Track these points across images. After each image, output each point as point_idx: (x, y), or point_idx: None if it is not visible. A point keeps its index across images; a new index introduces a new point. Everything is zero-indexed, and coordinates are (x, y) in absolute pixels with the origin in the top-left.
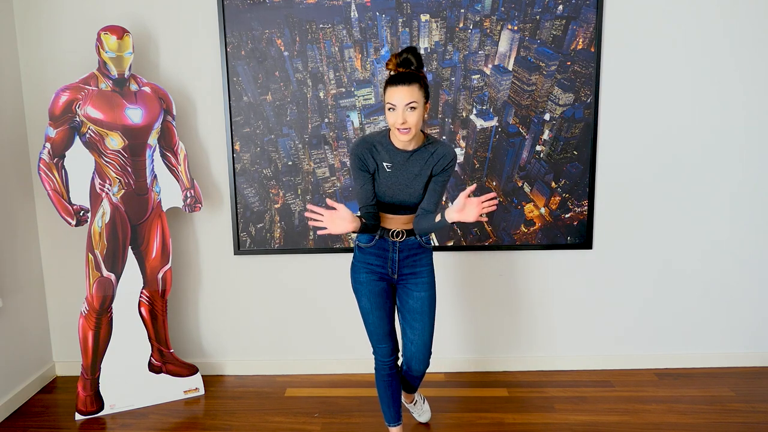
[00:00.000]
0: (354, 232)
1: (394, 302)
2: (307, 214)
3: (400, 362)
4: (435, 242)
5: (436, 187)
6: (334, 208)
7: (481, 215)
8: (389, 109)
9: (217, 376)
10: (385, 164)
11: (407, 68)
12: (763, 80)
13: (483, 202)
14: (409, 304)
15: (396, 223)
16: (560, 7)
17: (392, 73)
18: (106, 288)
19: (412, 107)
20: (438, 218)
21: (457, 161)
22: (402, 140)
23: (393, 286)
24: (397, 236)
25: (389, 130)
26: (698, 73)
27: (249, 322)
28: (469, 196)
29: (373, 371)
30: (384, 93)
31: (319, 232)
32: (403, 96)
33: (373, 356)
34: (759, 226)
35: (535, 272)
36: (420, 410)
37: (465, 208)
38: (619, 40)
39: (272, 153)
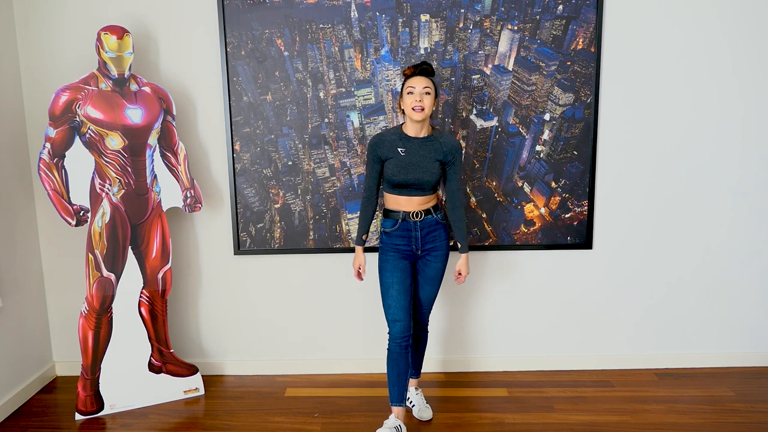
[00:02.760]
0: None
1: (413, 281)
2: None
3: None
4: None
5: (454, 173)
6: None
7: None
8: (408, 93)
9: (217, 376)
10: (399, 149)
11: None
12: (762, 80)
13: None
14: (425, 272)
15: (414, 204)
16: (560, 7)
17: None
18: (106, 288)
19: (427, 92)
20: (461, 243)
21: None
22: (415, 120)
23: (414, 265)
24: (417, 216)
25: (401, 125)
26: (698, 72)
27: (249, 322)
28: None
29: (373, 371)
30: (403, 86)
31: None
32: (420, 82)
33: (388, 336)
34: (759, 225)
35: (535, 272)
36: (421, 405)
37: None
38: (619, 40)
39: (272, 153)
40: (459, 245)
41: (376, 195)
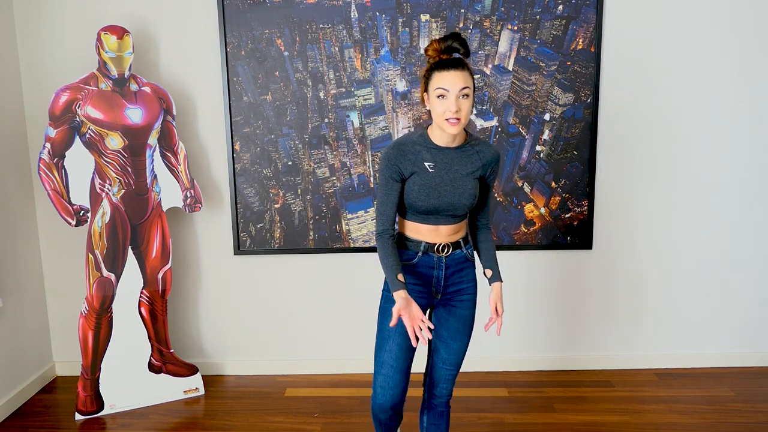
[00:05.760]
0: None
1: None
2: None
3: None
4: None
5: (489, 191)
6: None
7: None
8: (438, 96)
9: (217, 376)
10: (426, 164)
11: (450, 55)
12: (762, 80)
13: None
14: (450, 322)
15: (441, 235)
16: (560, 7)
17: (431, 61)
18: (106, 288)
19: (465, 94)
20: (492, 270)
21: None
22: (449, 132)
23: (428, 313)
24: (443, 251)
25: (425, 129)
26: (697, 72)
27: (249, 322)
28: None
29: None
30: (427, 80)
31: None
32: (456, 81)
33: (371, 400)
34: (758, 226)
35: (535, 272)
36: None
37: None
38: (619, 40)
39: (272, 153)
40: (487, 274)
41: (393, 228)
